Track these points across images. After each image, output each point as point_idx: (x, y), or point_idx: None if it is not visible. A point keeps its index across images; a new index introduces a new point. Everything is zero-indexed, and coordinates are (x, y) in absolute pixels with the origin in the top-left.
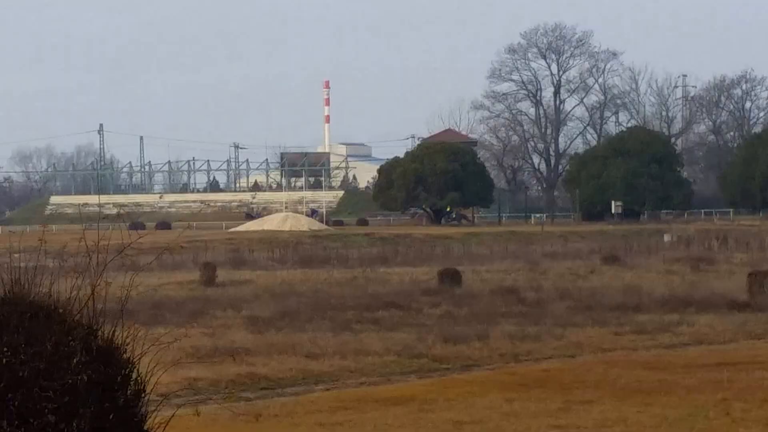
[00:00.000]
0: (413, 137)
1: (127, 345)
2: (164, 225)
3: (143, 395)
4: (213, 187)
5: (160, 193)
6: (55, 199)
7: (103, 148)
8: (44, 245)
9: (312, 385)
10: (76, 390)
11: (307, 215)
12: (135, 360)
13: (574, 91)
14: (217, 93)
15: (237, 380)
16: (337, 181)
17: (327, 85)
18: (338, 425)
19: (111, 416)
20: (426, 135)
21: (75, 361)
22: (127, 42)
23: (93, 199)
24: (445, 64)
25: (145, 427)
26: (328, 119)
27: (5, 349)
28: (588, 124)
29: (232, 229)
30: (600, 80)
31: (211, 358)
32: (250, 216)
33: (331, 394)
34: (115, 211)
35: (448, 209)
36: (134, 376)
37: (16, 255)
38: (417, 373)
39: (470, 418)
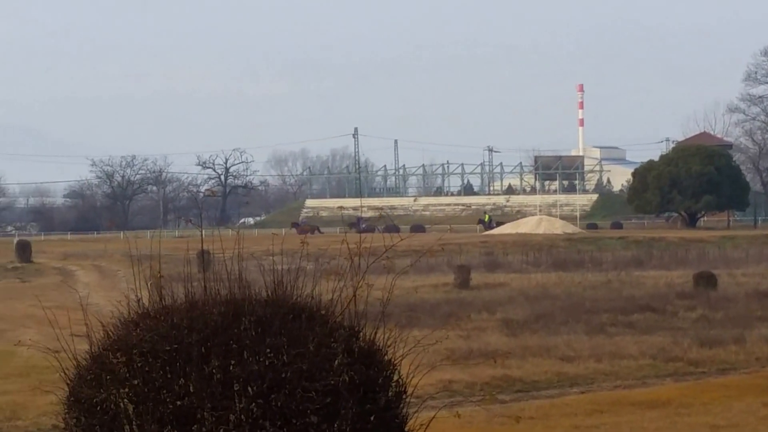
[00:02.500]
0: (667, 140)
1: (388, 347)
2: (418, 228)
3: (404, 397)
4: (467, 190)
5: (414, 196)
6: (310, 203)
7: (358, 151)
8: (306, 247)
9: (567, 387)
10: (337, 391)
11: (353, 224)
12: (396, 362)
13: None
14: (468, 97)
15: (492, 383)
16: (591, 185)
17: (581, 89)
18: (594, 428)
19: (372, 417)
20: (680, 138)
21: (337, 362)
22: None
23: (348, 202)
24: (699, 67)
25: (406, 429)
26: (582, 122)
27: (268, 350)
28: None
29: (486, 232)
30: None
31: (466, 361)
32: (296, 225)
33: (586, 397)
34: (369, 214)
35: (487, 218)
36: (395, 377)
37: (273, 258)
38: (672, 377)
39: (727, 422)
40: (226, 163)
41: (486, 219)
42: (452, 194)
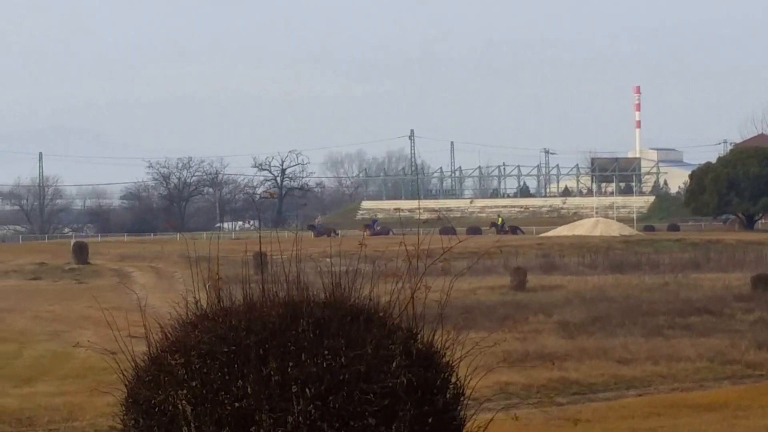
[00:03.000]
0: (725, 142)
1: (446, 349)
2: (474, 230)
3: (462, 399)
4: (523, 192)
5: (470, 198)
6: (366, 204)
7: (414, 153)
8: (364, 248)
9: (623, 390)
10: (395, 393)
11: (368, 226)
12: (454, 364)
13: None
14: (525, 98)
15: (548, 385)
16: (648, 187)
17: (638, 91)
18: (651, 431)
19: (430, 419)
20: (738, 140)
21: (395, 364)
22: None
23: (404, 203)
24: (757, 69)
25: (464, 431)
26: (638, 124)
27: (326, 351)
28: None
29: (543, 234)
30: None
31: (523, 363)
32: (313, 227)
33: (643, 400)
34: (426, 216)
35: (499, 222)
36: (453, 379)
37: (328, 259)
38: (730, 379)
39: None
40: (282, 164)
41: (499, 222)
42: (508, 196)
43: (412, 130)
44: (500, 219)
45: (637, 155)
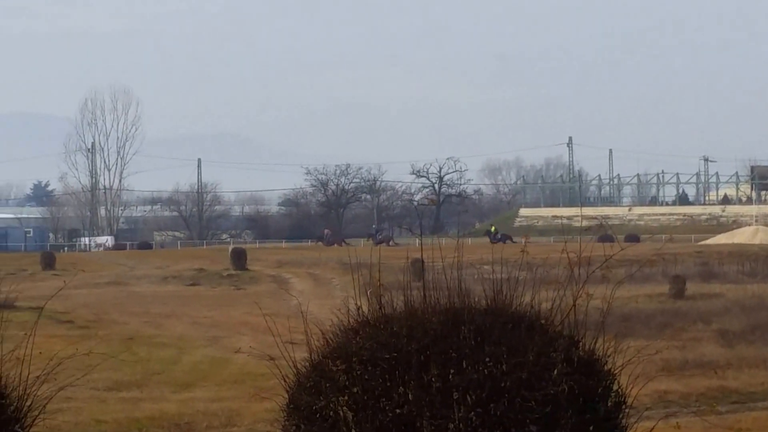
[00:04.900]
0: None
1: (607, 357)
2: (633, 238)
3: (623, 407)
4: (682, 200)
5: (628, 205)
6: (524, 212)
7: (572, 160)
8: (526, 255)
9: None
10: (557, 400)
11: (371, 235)
12: (615, 372)
13: None
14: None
15: (707, 393)
16: None
17: None
18: None
19: (591, 428)
20: None
21: (556, 371)
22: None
23: (562, 211)
24: None
25: None
26: None
27: (487, 359)
28: None
29: (702, 243)
30: None
31: (682, 371)
32: (321, 238)
33: None
34: (584, 223)
35: (492, 230)
36: (614, 387)
37: (491, 266)
38: None
39: None
40: (440, 171)
41: (492, 230)
42: (667, 204)
43: (570, 137)
44: (493, 227)
45: None
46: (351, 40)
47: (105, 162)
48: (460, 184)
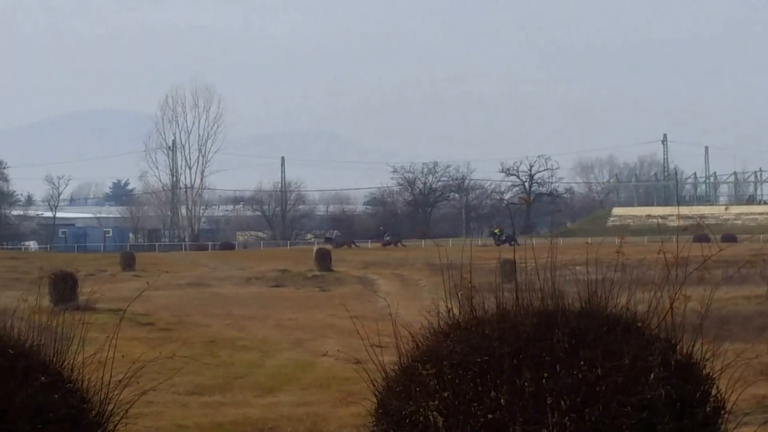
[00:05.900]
0: None
1: (705, 360)
2: (730, 238)
3: (722, 413)
4: None
5: (725, 204)
6: (617, 211)
7: (667, 158)
8: (622, 257)
9: None
10: (653, 405)
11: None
12: (714, 376)
13: None
14: None
15: None
16: None
17: None
18: None
19: None
20: None
21: (653, 375)
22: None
23: (656, 210)
24: None
25: None
26: None
27: (582, 362)
28: None
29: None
30: None
31: None
32: (329, 240)
33: None
34: (680, 223)
35: (497, 231)
36: (713, 392)
37: (586, 267)
38: None
39: None
40: (530, 170)
41: (497, 232)
42: (765, 203)
43: (665, 135)
44: (498, 229)
45: None
46: (441, 34)
47: (186, 160)
48: (551, 183)
